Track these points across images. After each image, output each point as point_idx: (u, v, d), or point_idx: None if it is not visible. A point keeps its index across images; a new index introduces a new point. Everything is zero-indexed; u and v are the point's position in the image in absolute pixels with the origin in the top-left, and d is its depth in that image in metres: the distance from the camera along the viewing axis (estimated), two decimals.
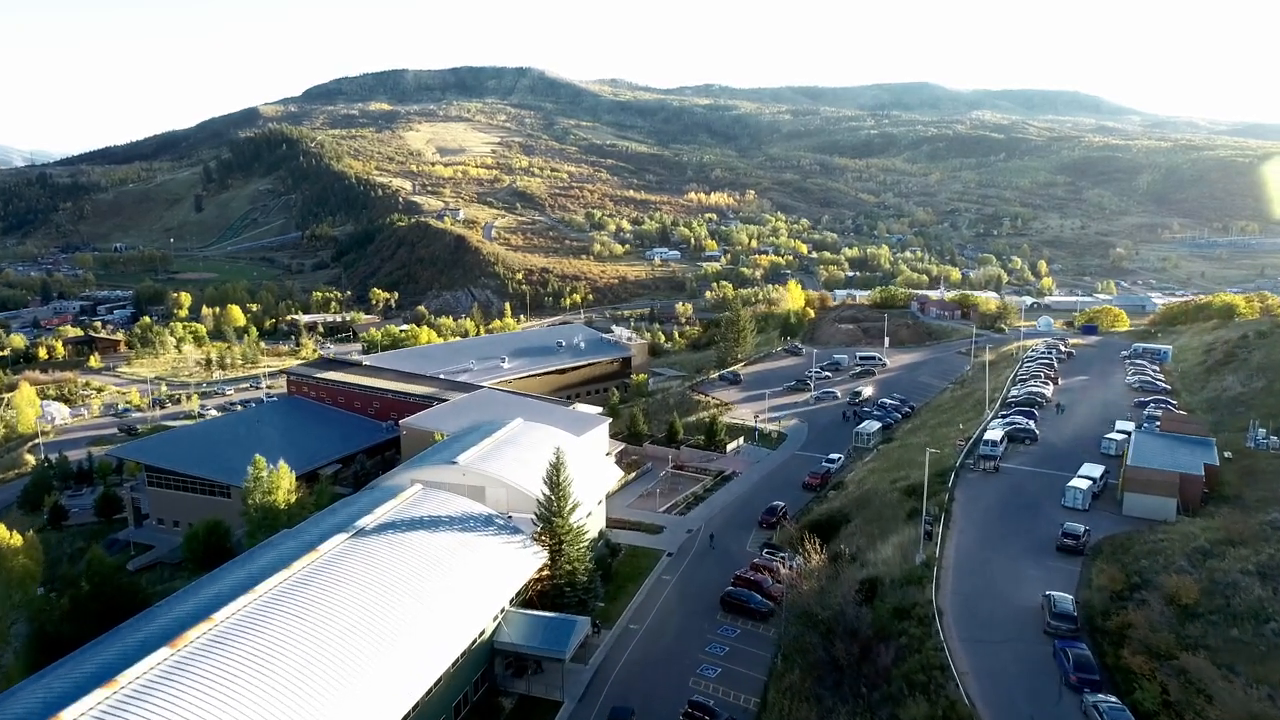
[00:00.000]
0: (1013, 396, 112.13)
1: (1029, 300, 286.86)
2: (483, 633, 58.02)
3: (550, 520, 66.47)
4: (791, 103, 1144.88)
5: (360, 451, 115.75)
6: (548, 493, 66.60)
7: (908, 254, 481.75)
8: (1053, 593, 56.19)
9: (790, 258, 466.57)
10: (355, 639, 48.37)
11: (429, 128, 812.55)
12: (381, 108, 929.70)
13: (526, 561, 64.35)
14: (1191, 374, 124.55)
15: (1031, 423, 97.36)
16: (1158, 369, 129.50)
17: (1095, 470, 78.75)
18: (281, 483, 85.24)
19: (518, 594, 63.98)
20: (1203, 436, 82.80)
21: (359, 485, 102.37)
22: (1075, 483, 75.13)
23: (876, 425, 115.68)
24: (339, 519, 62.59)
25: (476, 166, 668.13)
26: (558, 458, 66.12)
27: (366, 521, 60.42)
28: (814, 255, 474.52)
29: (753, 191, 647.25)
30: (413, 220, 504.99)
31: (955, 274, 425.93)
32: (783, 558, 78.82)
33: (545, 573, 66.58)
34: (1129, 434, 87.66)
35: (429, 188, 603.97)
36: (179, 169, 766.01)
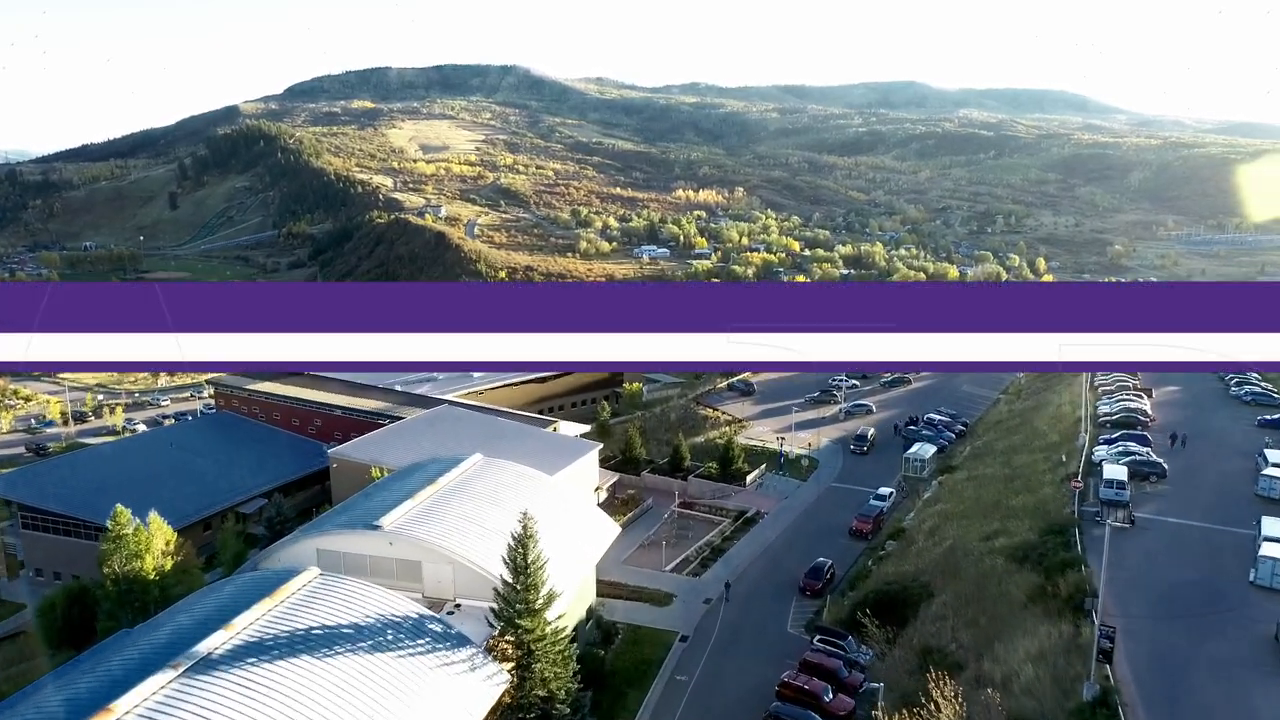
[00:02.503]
0: (1104, 414, 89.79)
1: None
2: None
3: (514, 622, 43.94)
4: (778, 101, 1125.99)
5: (276, 489, 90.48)
6: (510, 580, 44.11)
7: (902, 251, 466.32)
8: None
9: (783, 255, 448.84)
10: None
11: (412, 125, 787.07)
12: (364, 105, 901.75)
13: (477, 691, 41.74)
14: None
15: (1149, 450, 75.14)
16: (1258, 376, 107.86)
17: None
18: (154, 542, 62.42)
19: None
20: None
21: (275, 533, 79.33)
22: (1270, 550, 52.65)
23: (931, 449, 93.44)
24: (171, 634, 39.54)
25: (460, 164, 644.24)
26: (525, 528, 43.66)
27: (216, 643, 37.43)
28: (807, 253, 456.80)
29: (741, 189, 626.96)
30: (392, 217, 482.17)
31: (953, 271, 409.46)
32: (844, 649, 56.81)
33: (507, 699, 44.11)
34: None
35: (410, 185, 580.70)
36: (155, 166, 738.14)
